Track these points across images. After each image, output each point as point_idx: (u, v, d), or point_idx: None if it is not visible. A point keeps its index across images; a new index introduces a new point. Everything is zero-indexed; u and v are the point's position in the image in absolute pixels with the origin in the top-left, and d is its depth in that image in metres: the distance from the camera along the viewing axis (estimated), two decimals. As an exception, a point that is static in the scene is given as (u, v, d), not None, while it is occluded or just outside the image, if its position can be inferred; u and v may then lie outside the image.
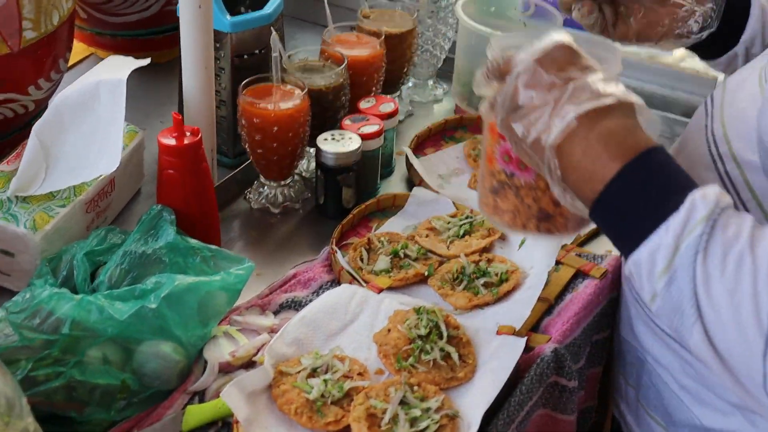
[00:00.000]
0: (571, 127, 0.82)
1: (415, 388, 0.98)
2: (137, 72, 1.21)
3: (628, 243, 0.82)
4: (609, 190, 0.81)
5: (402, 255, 1.22)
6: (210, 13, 1.19)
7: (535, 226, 0.97)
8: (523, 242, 1.25)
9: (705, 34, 1.18)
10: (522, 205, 0.98)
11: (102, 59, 1.33)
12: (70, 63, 1.59)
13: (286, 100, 1.27)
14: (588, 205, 0.83)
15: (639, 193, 0.81)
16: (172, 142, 1.12)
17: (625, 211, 0.81)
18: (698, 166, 1.04)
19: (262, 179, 1.35)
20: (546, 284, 1.18)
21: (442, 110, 1.65)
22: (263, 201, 1.35)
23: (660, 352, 1.11)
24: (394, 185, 1.43)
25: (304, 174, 1.42)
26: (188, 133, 1.13)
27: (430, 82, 1.67)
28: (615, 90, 0.84)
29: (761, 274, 0.76)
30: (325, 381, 0.98)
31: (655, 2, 1.17)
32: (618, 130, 0.82)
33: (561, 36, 0.88)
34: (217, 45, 1.34)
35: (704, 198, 0.78)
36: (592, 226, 0.90)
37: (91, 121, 1.15)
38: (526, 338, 1.06)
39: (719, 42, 1.20)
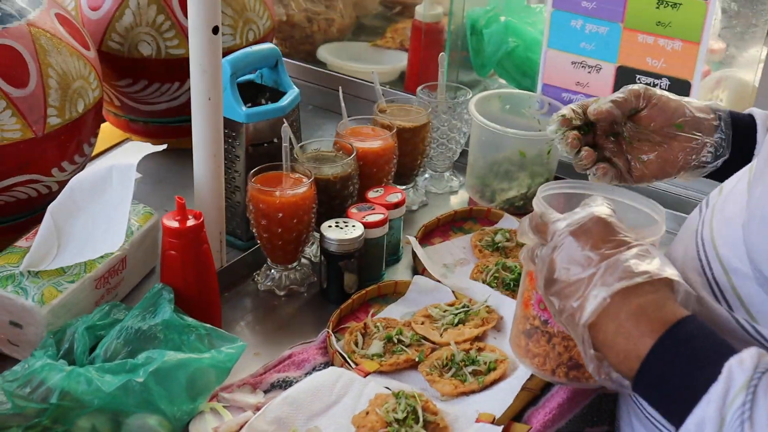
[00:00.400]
0: (603, 306, 0.89)
1: (388, 471, 1.03)
2: (163, 157, 1.32)
3: (674, 415, 0.86)
4: (645, 368, 0.87)
5: (396, 340, 1.28)
6: (219, 106, 1.30)
7: (564, 374, 1.04)
8: (515, 333, 1.30)
9: (720, 162, 1.25)
10: (553, 351, 1.05)
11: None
12: (107, 146, 1.72)
13: (293, 188, 1.36)
14: (630, 381, 0.89)
15: (674, 367, 0.85)
16: (174, 224, 1.21)
17: (665, 386, 0.86)
18: (688, 269, 1.08)
19: (269, 262, 1.43)
20: (534, 375, 1.23)
21: (457, 201, 1.72)
22: (269, 283, 1.43)
23: None
24: (400, 273, 1.50)
25: (313, 259, 1.50)
26: (191, 217, 1.22)
27: (446, 174, 1.75)
28: (648, 267, 0.90)
29: None
30: (299, 459, 1.03)
31: (665, 140, 1.24)
32: (648, 306, 0.89)
33: (600, 208, 0.96)
34: (234, 134, 1.45)
35: (741, 364, 0.82)
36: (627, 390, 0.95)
37: (102, 202, 1.25)
38: (502, 427, 1.11)
39: (733, 165, 1.23)
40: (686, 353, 0.85)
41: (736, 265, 1.01)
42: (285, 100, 1.49)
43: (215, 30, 1.22)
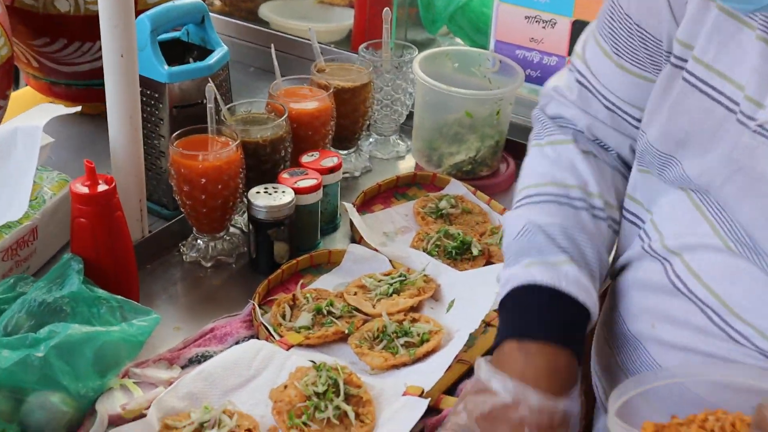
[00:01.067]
0: None
1: (303, 447, 1.01)
2: (85, 123, 1.27)
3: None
4: None
5: (325, 312, 1.25)
6: (133, 63, 1.26)
7: None
8: (452, 304, 1.28)
9: None
10: None
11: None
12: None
13: (217, 152, 1.32)
14: None
15: None
16: (83, 190, 1.18)
17: None
18: None
19: (195, 232, 1.40)
20: (470, 347, 1.20)
21: (405, 167, 1.69)
22: (195, 254, 1.39)
23: None
24: (338, 242, 1.47)
25: (243, 228, 1.46)
26: (102, 182, 1.19)
27: (393, 138, 1.72)
28: None
29: None
30: (209, 436, 1.00)
31: None
32: None
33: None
34: (156, 95, 1.41)
35: None
36: None
37: (5, 167, 1.21)
38: (428, 399, 1.08)
39: None
40: None
41: None
42: (212, 59, 1.45)
43: (124, -18, 1.18)
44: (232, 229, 1.42)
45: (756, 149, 0.88)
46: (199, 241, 1.40)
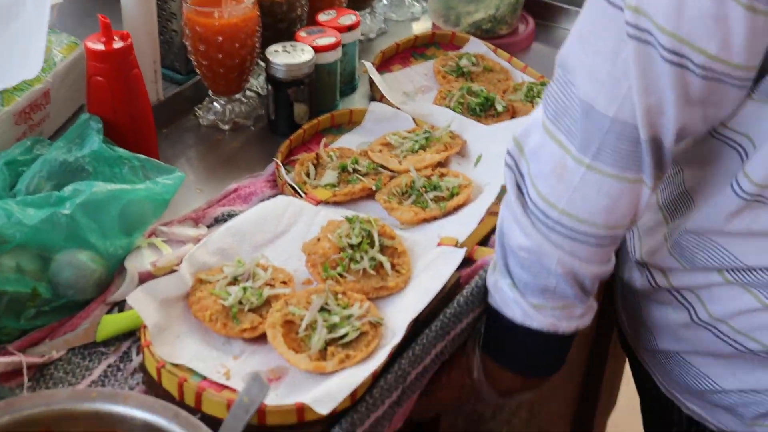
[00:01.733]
0: None
1: (339, 296, 0.98)
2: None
3: None
4: None
5: (351, 170, 1.21)
6: None
7: None
8: (479, 159, 1.24)
9: None
10: None
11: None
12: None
13: (233, 9, 1.27)
14: None
15: None
16: (99, 47, 1.13)
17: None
18: None
19: (211, 94, 1.35)
20: (502, 199, 1.17)
21: (419, 29, 1.64)
22: (212, 117, 1.35)
23: None
24: (356, 102, 1.43)
25: (260, 91, 1.41)
26: (117, 38, 1.13)
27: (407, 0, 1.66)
28: None
29: None
30: (245, 288, 0.98)
31: None
32: None
33: None
34: (165, -48, 1.34)
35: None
36: None
37: (16, 26, 1.15)
38: (464, 249, 1.05)
39: None
40: None
41: None
42: None
43: None
44: (248, 93, 1.38)
45: None
46: (215, 103, 1.35)
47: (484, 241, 1.13)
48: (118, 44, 1.13)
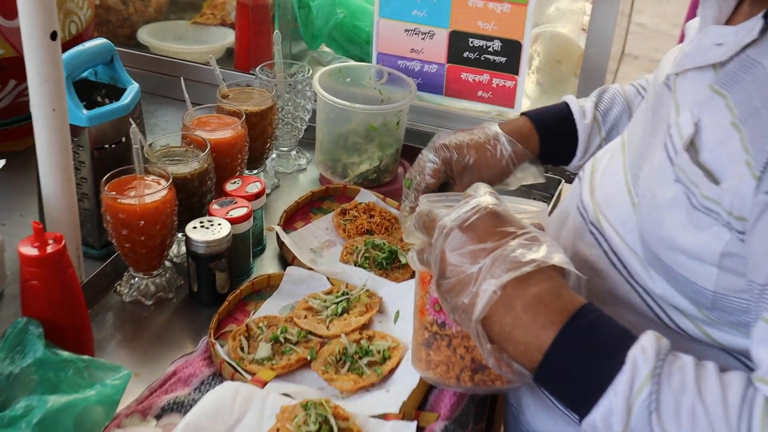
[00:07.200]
0: (494, 299, 0.81)
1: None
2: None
3: (579, 407, 0.80)
4: (549, 359, 0.79)
5: (282, 340, 1.16)
6: (65, 114, 1.11)
7: (469, 378, 0.94)
8: (398, 315, 1.21)
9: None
10: (455, 355, 0.94)
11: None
12: None
13: (151, 193, 1.19)
14: (531, 373, 0.82)
15: (580, 357, 0.79)
16: (33, 252, 1.03)
17: (570, 377, 0.79)
18: (583, 243, 1.04)
19: (132, 271, 1.26)
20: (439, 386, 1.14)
21: (307, 179, 1.60)
22: (135, 294, 1.26)
23: None
24: (267, 263, 1.37)
25: (174, 260, 1.33)
26: (51, 241, 1.04)
27: (293, 153, 1.62)
28: (536, 255, 0.82)
29: (716, 422, 0.74)
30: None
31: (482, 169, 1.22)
32: (544, 295, 0.81)
33: (484, 198, 0.86)
34: (75, 139, 1.25)
35: (644, 353, 0.77)
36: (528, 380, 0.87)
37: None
38: (415, 422, 1.02)
39: (563, 152, 1.29)
40: (588, 344, 0.79)
41: (623, 247, 0.97)
42: (126, 98, 1.30)
43: (53, 35, 1.03)
44: (165, 263, 1.29)
45: None
46: (136, 279, 1.26)
47: (424, 403, 1.09)
48: (51, 247, 1.04)
